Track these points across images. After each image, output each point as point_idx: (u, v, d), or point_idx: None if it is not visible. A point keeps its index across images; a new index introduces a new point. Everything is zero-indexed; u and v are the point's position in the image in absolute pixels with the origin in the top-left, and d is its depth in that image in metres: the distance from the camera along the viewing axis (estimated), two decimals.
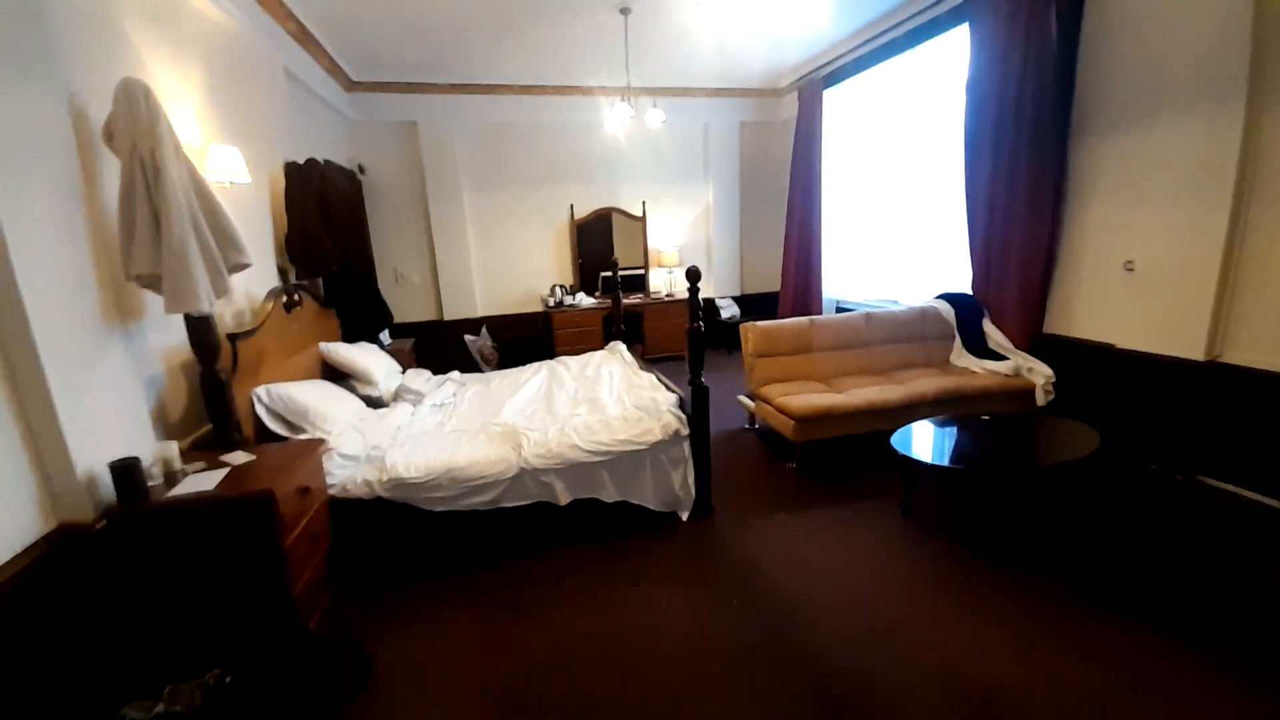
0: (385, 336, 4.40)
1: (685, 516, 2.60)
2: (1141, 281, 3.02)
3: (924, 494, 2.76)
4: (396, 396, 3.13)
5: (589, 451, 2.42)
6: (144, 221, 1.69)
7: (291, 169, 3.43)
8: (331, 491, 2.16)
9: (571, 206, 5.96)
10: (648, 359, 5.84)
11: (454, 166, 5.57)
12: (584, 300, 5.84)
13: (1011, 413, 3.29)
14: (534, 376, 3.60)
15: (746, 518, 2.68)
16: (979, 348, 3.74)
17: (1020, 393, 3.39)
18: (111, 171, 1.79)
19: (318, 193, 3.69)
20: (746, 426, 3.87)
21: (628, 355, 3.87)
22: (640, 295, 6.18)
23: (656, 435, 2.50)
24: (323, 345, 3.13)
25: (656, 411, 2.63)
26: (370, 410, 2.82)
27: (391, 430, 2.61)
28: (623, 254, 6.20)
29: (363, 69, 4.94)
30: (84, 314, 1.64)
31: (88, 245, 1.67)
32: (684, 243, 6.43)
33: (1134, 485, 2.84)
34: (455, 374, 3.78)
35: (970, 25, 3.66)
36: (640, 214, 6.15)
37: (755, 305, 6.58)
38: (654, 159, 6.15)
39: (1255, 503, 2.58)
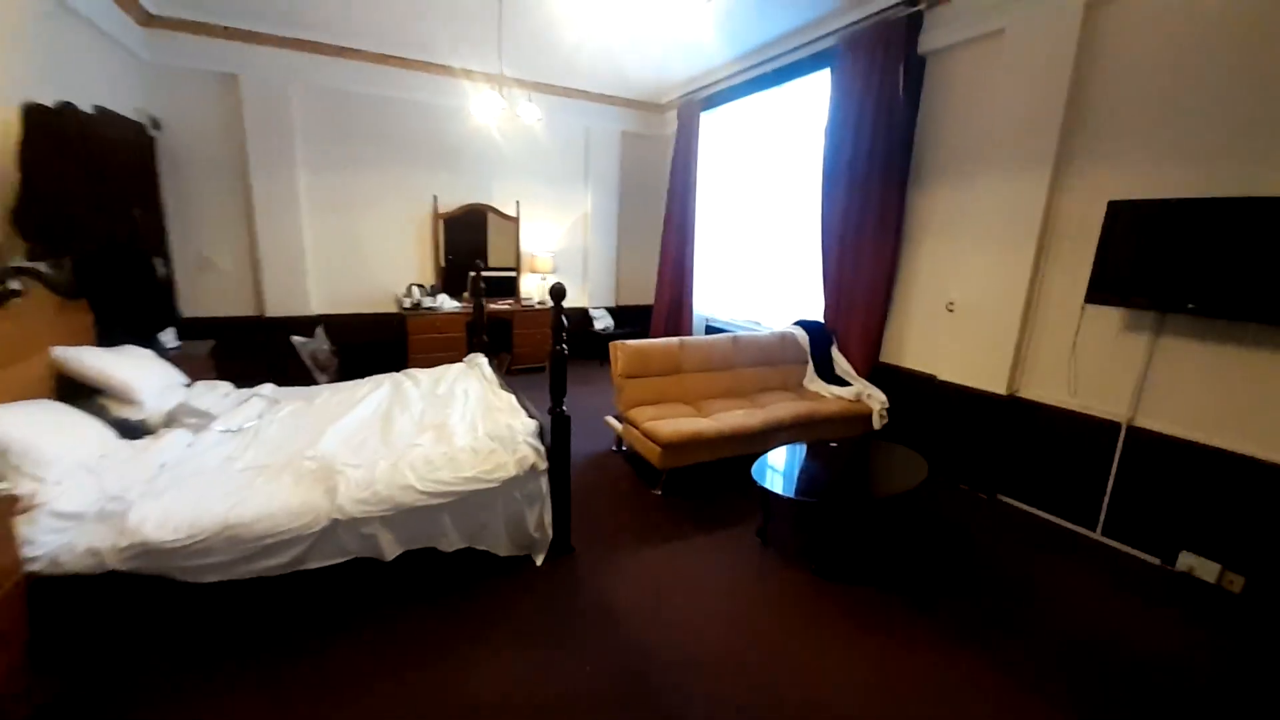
0: (169, 337, 3.51)
1: (540, 560, 2.33)
2: (960, 321, 3.42)
3: (780, 521, 2.81)
4: (172, 420, 2.43)
5: (427, 493, 2.05)
6: None
7: (33, 114, 2.59)
8: (33, 568, 1.54)
9: (435, 197, 5.37)
10: (515, 371, 5.49)
11: (287, 133, 4.70)
12: (446, 303, 5.28)
13: (855, 438, 3.55)
14: (373, 393, 3.09)
15: (608, 555, 2.50)
16: (828, 373, 4.00)
17: (861, 417, 3.67)
18: None
19: (77, 149, 2.84)
20: (614, 449, 3.71)
21: (488, 371, 3.51)
22: (511, 300, 5.78)
23: (510, 471, 2.21)
24: (57, 350, 2.34)
25: (512, 442, 2.34)
26: (124, 442, 2.14)
27: (150, 470, 1.98)
28: (495, 255, 5.77)
29: (166, 0, 3.97)
30: None
31: None
32: (560, 248, 6.16)
33: (950, 503, 3.17)
34: (267, 388, 3.11)
35: (831, 71, 3.91)
36: (514, 214, 5.76)
37: (630, 317, 6.52)
38: (531, 158, 5.80)
39: (1044, 520, 3.02)
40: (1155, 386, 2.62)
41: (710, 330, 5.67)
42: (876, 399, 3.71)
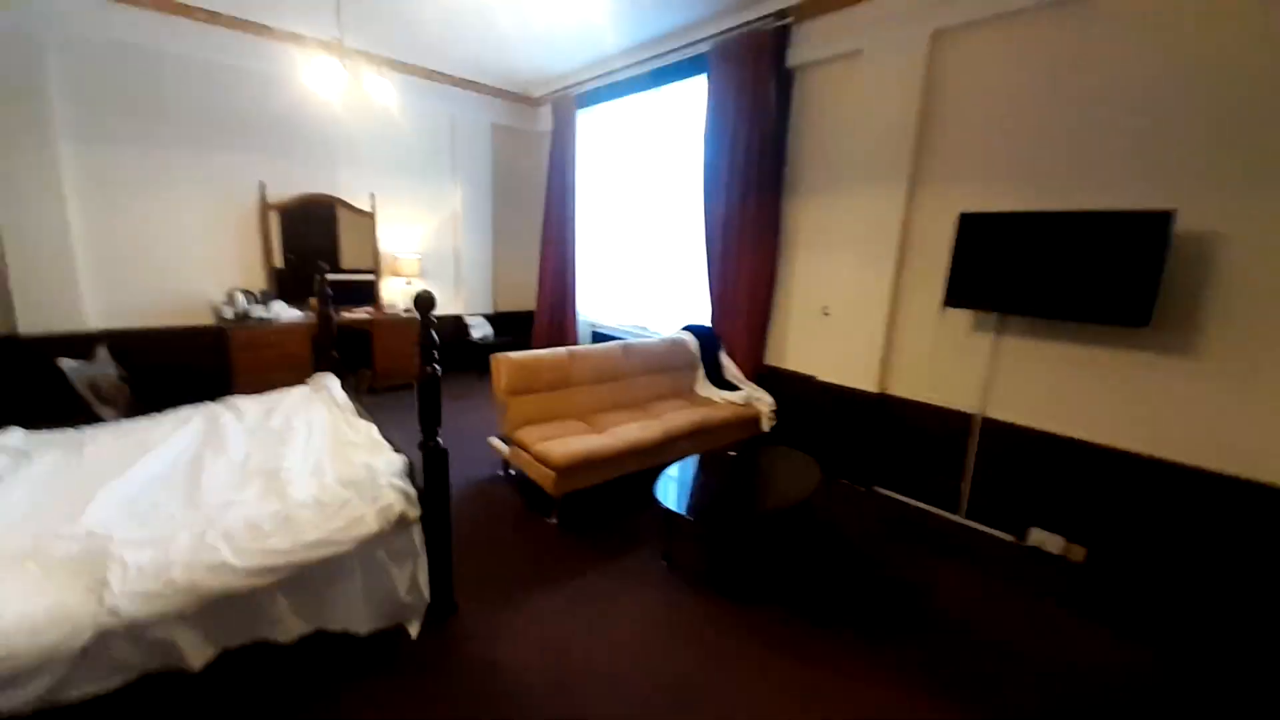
0: None
1: (416, 630, 1.93)
2: (834, 325, 3.59)
3: (686, 539, 2.69)
4: None
5: (252, 572, 1.56)
6: None
7: None
8: None
9: (262, 185, 4.49)
10: (378, 390, 4.81)
11: (39, 93, 3.59)
12: (284, 312, 4.44)
13: (748, 441, 3.57)
14: (176, 433, 2.40)
15: (501, 608, 2.17)
16: (717, 378, 4.01)
17: (751, 420, 3.72)
18: None
19: None
20: (500, 474, 3.35)
21: (340, 394, 2.94)
22: (370, 308, 5.05)
23: (370, 526, 1.79)
24: None
25: (373, 487, 1.91)
26: None
27: None
28: (349, 256, 5.02)
29: None
30: None
31: None
32: (428, 249, 5.54)
33: (834, 499, 3.30)
34: (13, 436, 2.27)
35: (708, 77, 3.91)
36: (369, 209, 5.04)
37: (510, 324, 6.09)
38: (389, 146, 5.13)
39: (915, 508, 3.26)
40: (1001, 381, 2.93)
41: (598, 338, 5.48)
42: (765, 402, 3.79)
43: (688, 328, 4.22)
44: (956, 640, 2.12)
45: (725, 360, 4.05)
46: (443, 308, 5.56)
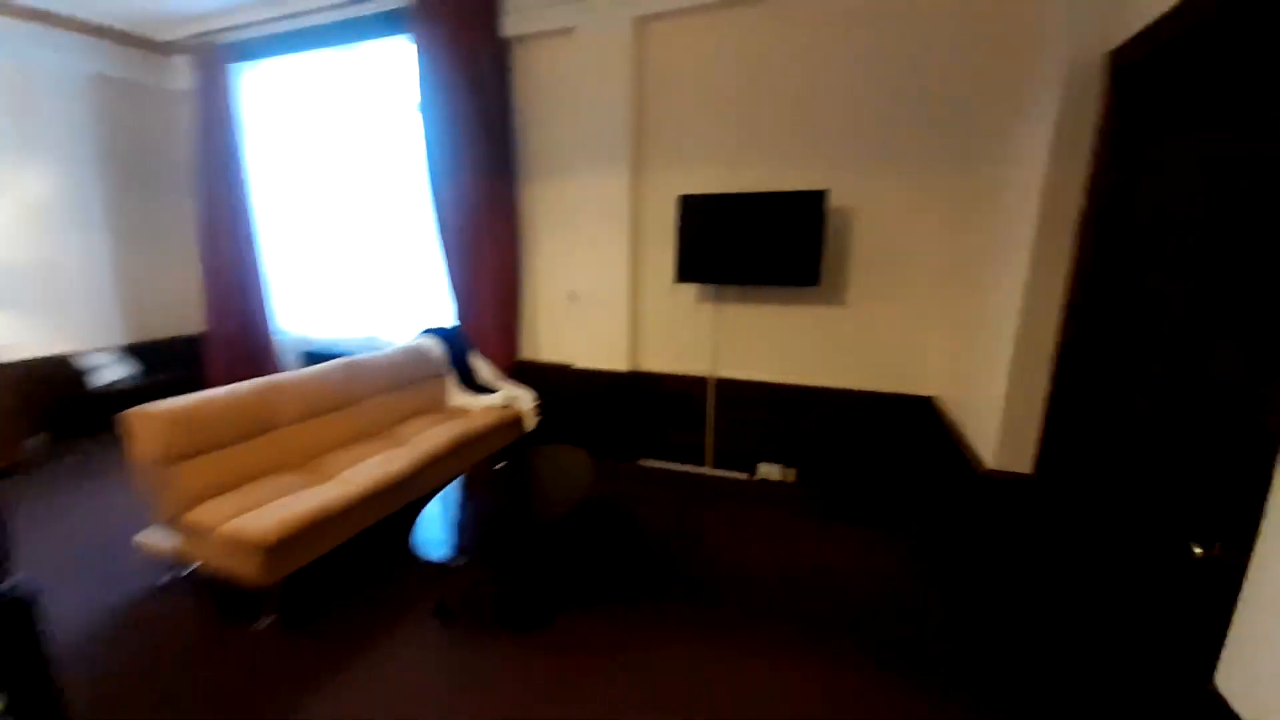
0: None
1: None
2: (583, 309, 3.57)
3: (461, 579, 2.32)
4: None
5: None
6: None
7: None
8: None
9: None
10: None
11: None
12: None
13: (515, 447, 3.33)
14: None
15: None
16: (471, 383, 3.63)
17: (514, 422, 3.47)
18: None
19: None
20: (169, 579, 2.36)
21: None
22: None
23: None
24: None
25: None
26: None
27: None
28: None
29: None
30: None
31: None
32: None
33: (607, 479, 3.32)
34: None
35: (415, 41, 3.37)
36: None
37: (165, 357, 4.47)
38: None
39: (677, 471, 3.49)
40: (724, 344, 3.31)
41: (315, 358, 4.41)
42: (526, 399, 3.57)
43: (429, 331, 3.69)
44: (730, 572, 2.36)
45: (477, 362, 3.68)
46: (34, 347, 3.76)
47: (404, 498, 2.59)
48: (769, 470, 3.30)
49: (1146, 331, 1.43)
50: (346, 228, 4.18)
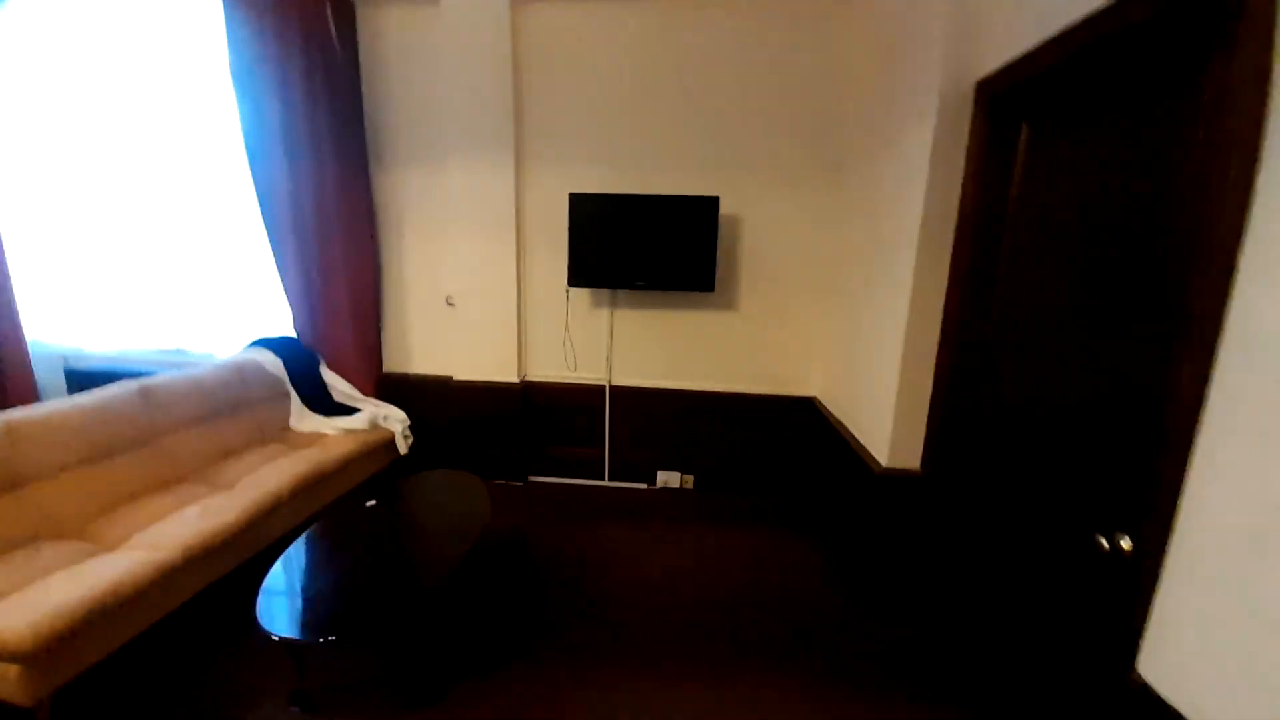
0: None
1: None
2: (463, 315, 3.19)
3: (329, 654, 1.87)
4: None
5: None
6: None
7: None
8: None
9: None
10: None
11: None
12: None
13: (385, 477, 2.85)
14: None
15: None
16: (323, 403, 3.04)
17: (382, 447, 2.98)
18: None
19: None
20: None
21: None
22: None
23: None
24: None
25: None
26: None
27: None
28: None
29: None
30: None
31: None
32: None
33: (496, 503, 2.99)
34: None
35: None
36: None
37: None
38: None
39: (571, 486, 3.27)
40: (619, 350, 3.17)
41: (80, 380, 3.37)
42: (395, 418, 3.09)
43: (260, 343, 3.02)
44: (636, 592, 2.25)
45: (331, 377, 3.10)
46: None
47: (236, 557, 2.04)
48: (668, 478, 3.24)
49: (1027, 329, 1.56)
50: (137, 213, 3.25)
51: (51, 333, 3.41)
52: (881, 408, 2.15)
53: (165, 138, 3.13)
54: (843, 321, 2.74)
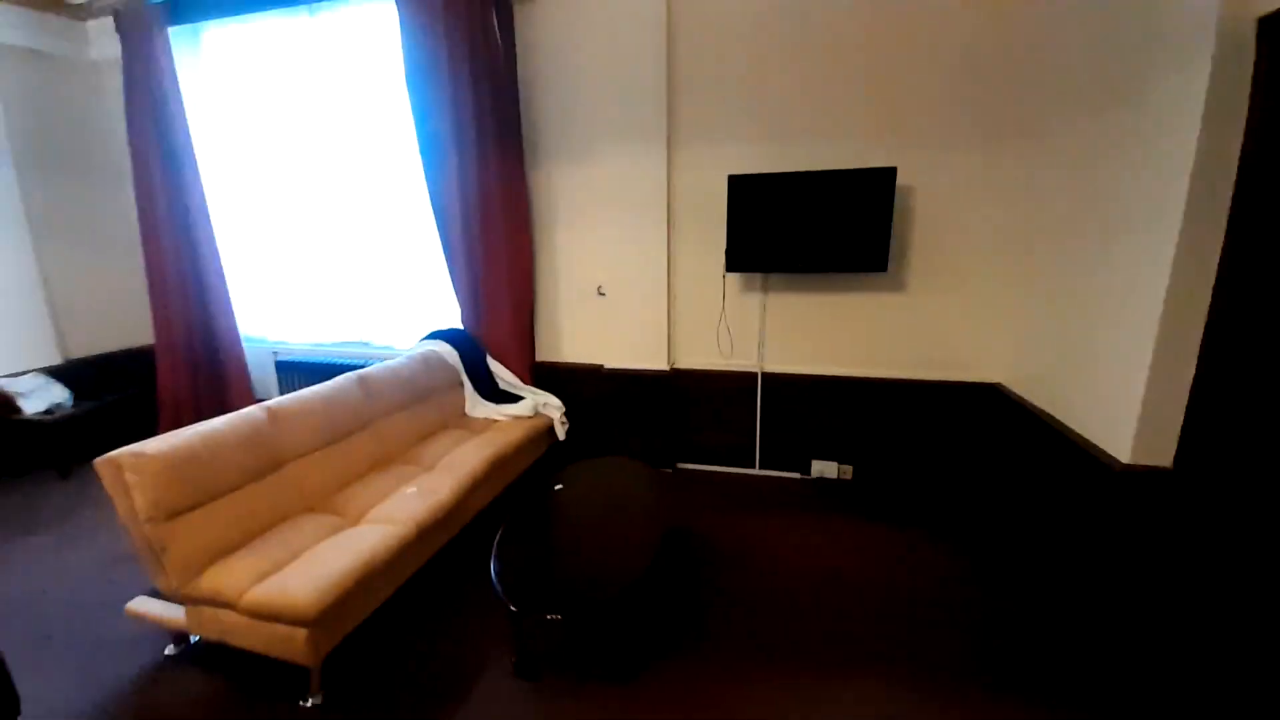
0: None
1: None
2: (613, 304, 3.24)
3: (542, 626, 1.97)
4: None
5: None
6: None
7: None
8: None
9: None
10: None
11: None
12: None
13: (545, 460, 2.98)
14: None
15: None
16: (491, 390, 3.24)
17: (544, 432, 3.13)
18: None
19: None
20: (171, 653, 1.91)
21: None
22: None
23: None
24: None
25: None
26: None
27: None
28: None
29: None
30: None
31: None
32: None
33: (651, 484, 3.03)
34: None
35: (398, 4, 2.89)
36: None
37: (105, 376, 3.82)
38: None
39: (721, 474, 3.25)
40: (772, 336, 3.07)
41: (285, 368, 3.87)
42: (553, 405, 3.22)
43: (436, 334, 3.26)
44: (795, 591, 2.16)
45: (497, 367, 3.29)
46: None
47: (447, 534, 2.22)
48: (824, 468, 3.11)
49: None
50: (326, 218, 3.63)
51: (260, 330, 3.93)
52: (1120, 396, 1.87)
53: (349, 148, 3.45)
54: (1042, 300, 2.43)
